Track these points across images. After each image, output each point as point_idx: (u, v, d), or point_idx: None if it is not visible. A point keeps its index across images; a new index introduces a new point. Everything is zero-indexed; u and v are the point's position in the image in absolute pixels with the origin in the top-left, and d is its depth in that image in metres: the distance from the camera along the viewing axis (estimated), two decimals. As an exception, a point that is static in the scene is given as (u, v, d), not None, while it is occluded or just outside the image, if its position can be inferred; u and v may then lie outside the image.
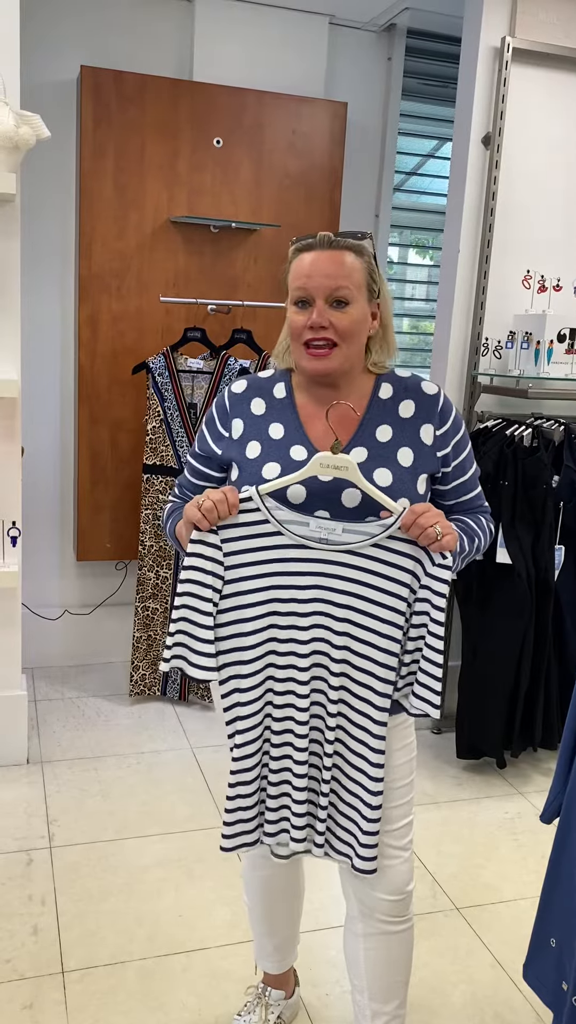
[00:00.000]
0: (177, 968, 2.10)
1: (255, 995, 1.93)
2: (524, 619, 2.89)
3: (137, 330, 3.47)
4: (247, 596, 1.47)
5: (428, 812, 2.81)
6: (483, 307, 3.06)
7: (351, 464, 1.41)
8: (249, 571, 1.46)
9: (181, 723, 3.32)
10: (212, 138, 3.42)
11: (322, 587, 1.45)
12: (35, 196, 3.36)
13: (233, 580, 1.46)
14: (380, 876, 1.59)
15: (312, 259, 1.45)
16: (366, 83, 3.78)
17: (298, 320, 1.47)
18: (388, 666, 1.45)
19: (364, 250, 1.48)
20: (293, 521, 1.45)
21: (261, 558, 1.46)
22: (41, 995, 1.99)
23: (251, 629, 1.47)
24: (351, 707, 1.49)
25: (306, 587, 1.46)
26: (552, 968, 1.50)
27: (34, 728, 3.18)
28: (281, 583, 1.46)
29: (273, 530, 1.45)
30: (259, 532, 1.45)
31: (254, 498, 1.45)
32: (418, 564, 1.43)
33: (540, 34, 2.95)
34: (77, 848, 2.53)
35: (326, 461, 1.42)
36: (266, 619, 1.47)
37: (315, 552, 1.45)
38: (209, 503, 1.42)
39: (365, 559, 1.44)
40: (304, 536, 1.45)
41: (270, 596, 1.46)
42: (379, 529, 1.43)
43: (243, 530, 1.45)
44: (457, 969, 2.15)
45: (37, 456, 3.55)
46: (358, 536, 1.44)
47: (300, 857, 1.85)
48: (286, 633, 1.48)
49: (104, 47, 3.39)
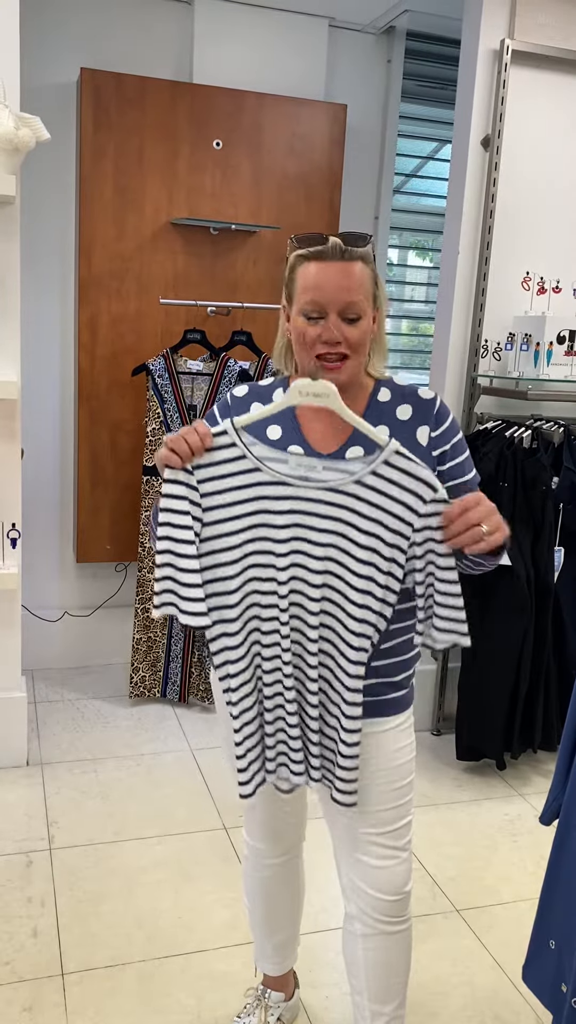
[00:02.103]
0: (176, 970, 2.10)
1: (255, 997, 1.93)
2: (524, 621, 2.89)
3: (137, 332, 3.48)
4: (227, 539, 1.40)
5: (427, 814, 2.81)
6: (483, 309, 3.07)
7: (332, 390, 1.36)
8: (227, 512, 1.40)
9: (181, 725, 3.32)
10: (212, 140, 3.43)
11: (302, 525, 1.40)
12: (35, 198, 3.36)
13: (211, 523, 1.40)
14: (379, 876, 1.59)
15: (325, 271, 1.43)
16: (366, 85, 3.79)
17: (311, 332, 1.45)
18: (364, 605, 1.39)
19: (369, 257, 1.47)
20: (271, 458, 1.39)
21: (239, 497, 1.40)
22: (41, 997, 1.99)
23: (233, 573, 1.42)
24: (332, 644, 1.44)
25: (285, 526, 1.40)
26: (551, 970, 1.50)
27: (34, 730, 3.18)
28: (260, 522, 1.41)
29: (251, 467, 1.39)
30: (236, 470, 1.39)
31: (229, 432, 1.39)
32: (407, 507, 1.36)
33: (539, 37, 2.95)
34: (77, 850, 2.53)
35: (306, 388, 1.36)
36: (248, 559, 1.42)
37: (295, 490, 1.38)
38: (175, 435, 1.39)
39: (347, 497, 1.37)
40: (284, 473, 1.39)
41: (250, 536, 1.41)
42: (361, 466, 1.37)
43: (219, 468, 1.39)
44: (457, 971, 2.15)
45: (37, 458, 3.55)
46: (339, 475, 1.37)
47: (300, 858, 1.86)
48: (267, 572, 1.43)
49: (104, 49, 3.40)
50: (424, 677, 3.30)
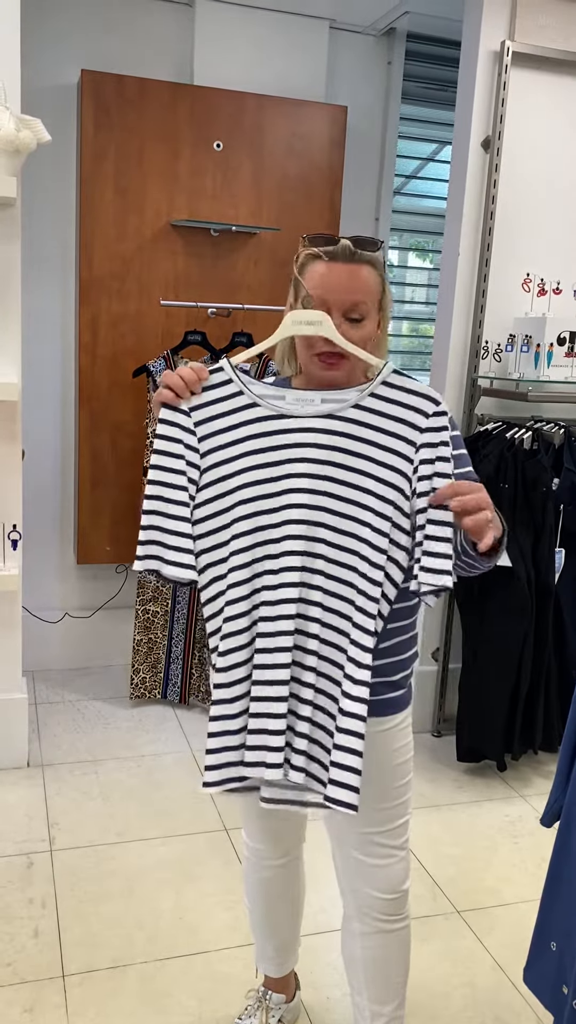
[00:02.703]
0: (178, 971, 2.10)
1: (256, 999, 1.93)
2: (524, 622, 2.89)
3: (137, 333, 3.48)
4: (227, 482, 1.36)
5: (428, 815, 2.81)
6: (483, 310, 3.07)
7: (325, 318, 1.36)
8: (228, 452, 1.36)
9: (181, 726, 3.32)
10: (212, 142, 3.43)
11: (304, 459, 1.36)
12: (36, 200, 3.36)
13: (211, 465, 1.36)
14: (376, 875, 1.59)
15: (332, 271, 1.43)
16: (366, 87, 3.79)
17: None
18: (379, 530, 1.33)
19: (379, 262, 1.48)
20: (269, 395, 1.37)
21: (241, 435, 1.36)
22: (42, 999, 1.99)
23: (231, 507, 1.37)
24: (345, 583, 1.36)
25: (286, 461, 1.36)
26: (552, 971, 1.50)
27: (35, 731, 3.18)
28: (262, 461, 1.37)
29: (248, 402, 1.36)
30: (235, 406, 1.36)
31: (225, 368, 1.37)
32: (408, 423, 1.33)
33: (539, 38, 2.95)
34: (78, 851, 2.53)
35: (299, 317, 1.36)
36: (246, 491, 1.37)
37: (295, 421, 1.35)
38: (172, 375, 1.37)
39: (347, 423, 1.35)
40: (282, 407, 1.36)
41: (251, 478, 1.36)
42: (358, 393, 1.36)
43: (216, 407, 1.36)
44: (457, 972, 2.15)
45: (37, 459, 3.56)
46: (338, 403, 1.36)
47: (300, 859, 1.86)
48: (268, 504, 1.37)
49: (104, 51, 3.40)
50: (424, 678, 3.30)
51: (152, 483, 1.34)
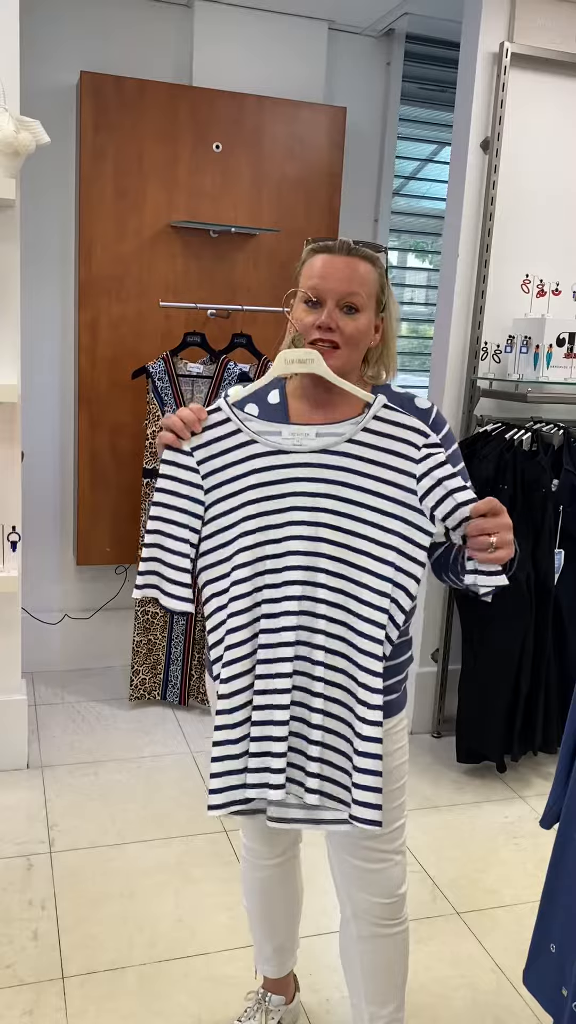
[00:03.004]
0: (177, 973, 2.10)
1: (255, 1000, 1.93)
2: (524, 623, 2.89)
3: (137, 334, 3.48)
4: (231, 515, 1.41)
5: (428, 816, 2.81)
6: (482, 311, 3.07)
7: (316, 356, 1.41)
8: (230, 487, 1.41)
9: (181, 727, 3.32)
10: (211, 143, 3.43)
11: (300, 493, 1.41)
12: (35, 201, 3.36)
13: (216, 500, 1.41)
14: (373, 879, 1.59)
15: (328, 262, 1.47)
16: (365, 88, 3.79)
17: (307, 319, 1.48)
18: (381, 559, 1.38)
19: (379, 262, 1.50)
20: (266, 431, 1.42)
21: (240, 471, 1.41)
22: (41, 1001, 1.99)
23: (235, 543, 1.42)
24: (347, 610, 1.41)
25: (285, 495, 1.41)
26: (552, 974, 1.50)
27: (34, 732, 3.18)
28: (262, 495, 1.42)
29: (247, 439, 1.41)
30: (233, 444, 1.42)
31: (223, 408, 1.43)
32: (403, 456, 1.39)
33: (538, 39, 2.95)
34: (77, 853, 2.53)
35: (291, 356, 1.41)
36: (251, 536, 1.42)
37: (292, 457, 1.41)
38: (172, 417, 1.43)
39: (343, 457, 1.40)
40: (279, 443, 1.41)
41: (253, 511, 1.41)
42: (351, 427, 1.41)
43: (216, 446, 1.42)
44: (458, 974, 2.15)
45: (37, 460, 3.56)
46: (332, 437, 1.41)
47: (297, 858, 1.85)
48: (269, 534, 1.42)
49: (104, 52, 3.40)
50: (424, 679, 3.30)
51: (154, 519, 1.40)
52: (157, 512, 1.41)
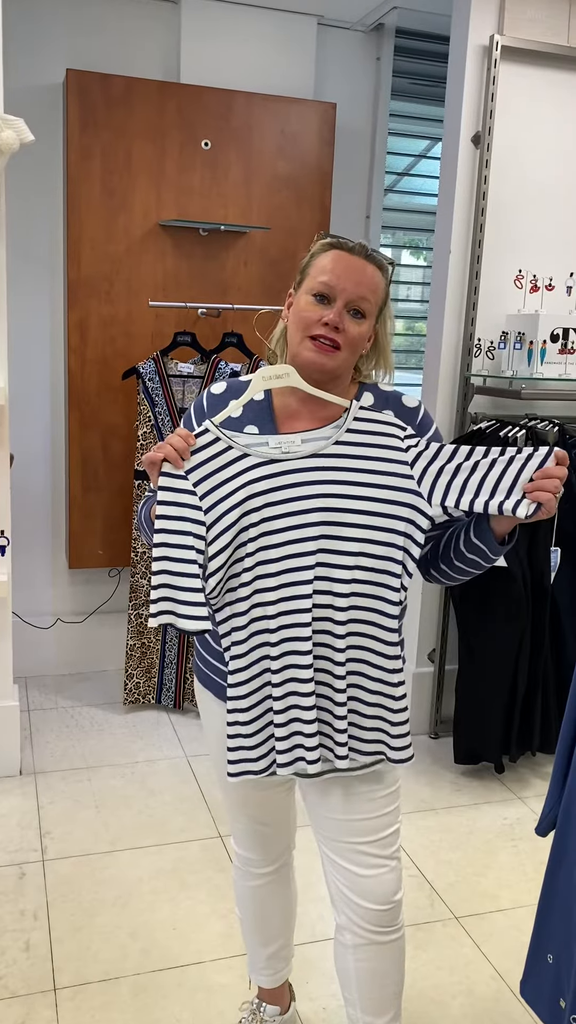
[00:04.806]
0: (171, 983, 2.07)
1: (250, 1011, 1.90)
2: (520, 622, 2.87)
3: (127, 335, 3.44)
4: (232, 528, 1.44)
5: (426, 818, 2.78)
6: (475, 308, 3.04)
7: (291, 370, 1.45)
8: (227, 503, 1.44)
9: (176, 732, 3.29)
10: (200, 140, 3.39)
11: (297, 498, 1.44)
12: (21, 201, 3.32)
13: (216, 519, 1.44)
14: (367, 886, 1.56)
15: (345, 260, 1.46)
16: (355, 83, 3.75)
17: (312, 313, 1.46)
18: (388, 544, 1.44)
19: (388, 273, 1.51)
20: (255, 444, 1.46)
21: (235, 485, 1.44)
22: (33, 1013, 1.96)
23: (243, 555, 1.45)
24: (363, 595, 1.46)
25: (284, 500, 1.44)
26: (549, 984, 1.47)
27: (27, 738, 3.15)
28: (261, 503, 1.44)
29: (238, 454, 1.45)
30: (226, 461, 1.45)
31: (210, 429, 1.46)
32: (390, 447, 1.45)
33: (528, 32, 2.92)
34: (70, 861, 2.49)
35: (267, 373, 1.46)
36: (255, 542, 1.44)
37: (283, 464, 1.44)
38: (164, 447, 1.44)
39: (332, 458, 1.45)
40: (268, 453, 1.45)
41: (253, 519, 1.44)
42: (334, 431, 1.46)
43: (209, 465, 1.44)
44: (456, 980, 2.12)
45: (27, 463, 3.52)
46: (319, 442, 1.45)
47: (291, 866, 1.82)
48: (273, 538, 1.45)
49: (90, 50, 3.36)
50: (421, 680, 3.27)
51: (159, 545, 1.43)
52: (160, 539, 1.43)
